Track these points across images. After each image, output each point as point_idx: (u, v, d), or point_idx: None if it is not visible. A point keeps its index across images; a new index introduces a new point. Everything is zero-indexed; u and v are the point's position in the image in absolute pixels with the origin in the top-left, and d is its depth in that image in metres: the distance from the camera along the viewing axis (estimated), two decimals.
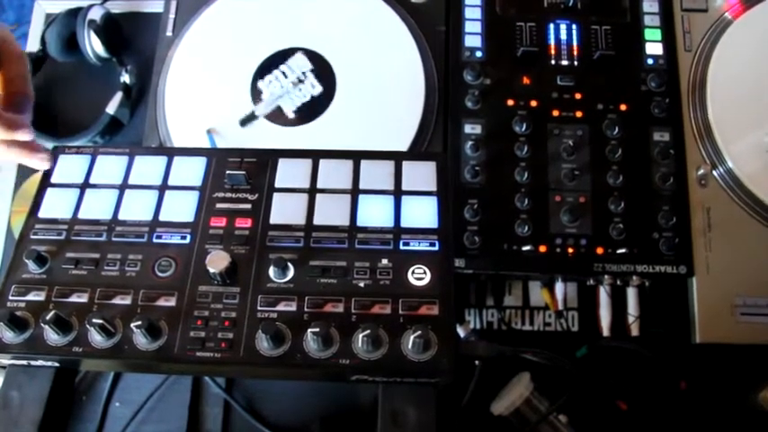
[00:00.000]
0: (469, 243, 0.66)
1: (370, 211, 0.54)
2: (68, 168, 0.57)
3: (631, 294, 0.68)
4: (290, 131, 0.73)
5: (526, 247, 0.66)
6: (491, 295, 0.72)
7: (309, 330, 0.47)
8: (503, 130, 0.70)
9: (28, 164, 0.57)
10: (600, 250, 0.66)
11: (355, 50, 0.76)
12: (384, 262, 0.52)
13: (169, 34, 0.79)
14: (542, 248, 0.66)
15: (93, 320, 0.47)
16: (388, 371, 0.48)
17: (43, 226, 0.54)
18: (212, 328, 0.49)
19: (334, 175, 0.57)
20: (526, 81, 0.72)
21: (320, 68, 0.75)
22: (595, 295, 0.70)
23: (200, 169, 0.57)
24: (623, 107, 0.71)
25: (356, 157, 0.57)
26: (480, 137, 0.70)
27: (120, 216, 0.55)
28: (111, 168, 0.58)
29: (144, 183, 0.57)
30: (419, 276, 0.51)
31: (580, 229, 0.67)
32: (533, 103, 0.71)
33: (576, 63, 0.73)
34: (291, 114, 0.73)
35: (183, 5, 0.80)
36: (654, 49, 0.74)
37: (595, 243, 0.66)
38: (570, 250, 0.66)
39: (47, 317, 0.47)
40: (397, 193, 0.55)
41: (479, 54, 0.74)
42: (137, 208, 0.55)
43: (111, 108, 0.77)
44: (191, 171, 0.57)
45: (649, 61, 0.73)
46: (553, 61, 0.73)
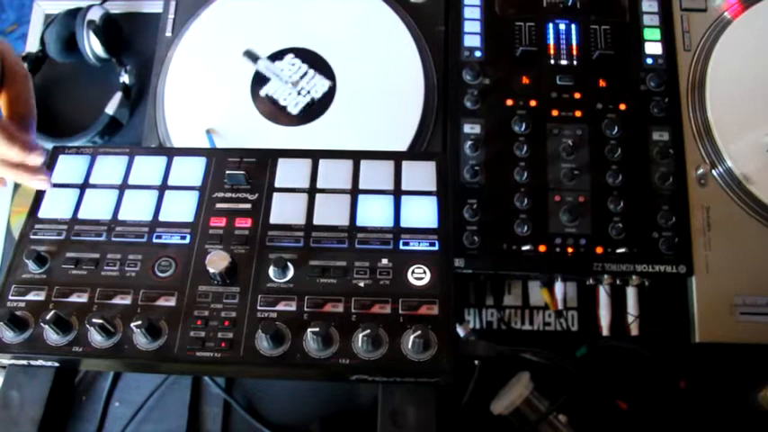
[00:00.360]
0: (469, 243, 0.66)
1: (369, 211, 0.54)
2: (68, 168, 0.58)
3: (631, 294, 0.68)
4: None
5: (526, 247, 0.66)
6: (491, 295, 0.72)
7: (309, 330, 0.47)
8: (502, 129, 0.71)
9: (28, 183, 0.56)
10: (599, 250, 0.66)
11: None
12: (384, 262, 0.52)
13: (168, 34, 0.79)
14: (542, 248, 0.66)
15: (93, 320, 0.47)
16: (387, 371, 0.48)
17: (43, 226, 0.54)
18: (212, 327, 0.49)
19: (334, 174, 0.57)
20: (525, 81, 0.72)
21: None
22: (595, 295, 0.70)
23: (199, 169, 0.57)
24: (622, 107, 0.71)
25: (356, 156, 0.58)
26: (480, 137, 0.70)
27: (120, 216, 0.55)
28: (110, 168, 0.58)
29: (144, 183, 0.57)
30: (419, 276, 0.51)
31: (579, 229, 0.67)
32: (533, 103, 0.71)
33: (576, 63, 0.73)
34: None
35: (182, 6, 0.80)
36: (653, 48, 0.74)
37: (595, 243, 0.66)
38: (570, 250, 0.66)
39: (47, 317, 0.47)
40: (397, 193, 0.55)
41: (479, 54, 0.74)
42: (137, 208, 0.55)
43: (111, 108, 0.77)
44: (190, 171, 0.57)
45: (648, 61, 0.73)
46: (552, 61, 0.73)
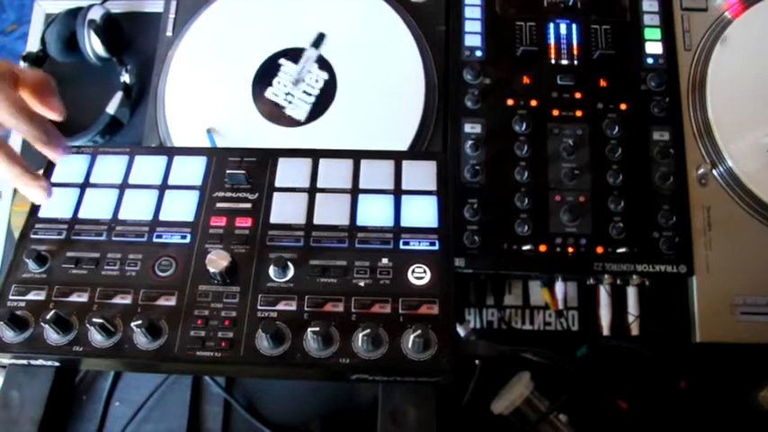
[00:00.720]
0: (469, 242, 0.66)
1: (370, 211, 0.54)
2: (68, 168, 0.57)
3: (631, 294, 0.68)
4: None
5: (526, 247, 0.66)
6: (491, 295, 0.72)
7: (309, 330, 0.47)
8: (503, 129, 0.71)
9: (27, 188, 0.55)
10: (600, 249, 0.66)
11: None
12: (384, 261, 0.52)
13: (169, 34, 0.79)
14: (542, 248, 0.66)
15: (94, 320, 0.47)
16: (387, 370, 0.48)
17: (43, 225, 0.54)
18: (212, 327, 0.49)
19: (334, 174, 0.57)
20: (526, 80, 0.72)
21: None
22: (595, 295, 0.70)
23: (200, 169, 0.57)
24: (623, 106, 0.71)
25: (356, 156, 0.57)
26: (480, 136, 0.70)
27: (121, 216, 0.55)
28: (111, 168, 0.58)
29: (144, 182, 0.57)
30: (419, 276, 0.51)
31: (580, 229, 0.67)
32: (533, 103, 0.71)
33: (576, 62, 0.73)
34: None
35: (182, 5, 0.80)
36: (653, 48, 0.74)
37: (595, 242, 0.66)
38: (570, 250, 0.66)
39: (47, 316, 0.47)
40: (397, 193, 0.55)
41: (479, 53, 0.74)
42: (137, 207, 0.55)
43: (112, 108, 0.77)
44: (191, 171, 0.57)
45: (649, 60, 0.73)
46: (553, 61, 0.73)
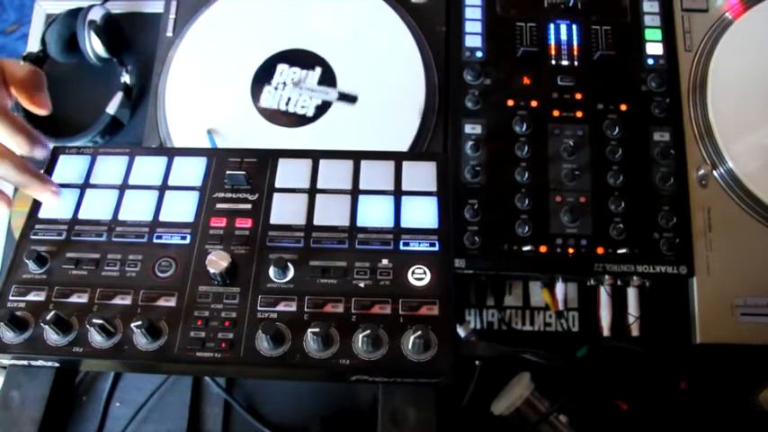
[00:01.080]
0: (470, 243, 0.66)
1: (370, 212, 0.54)
2: (68, 168, 0.58)
3: (632, 294, 0.68)
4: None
5: (526, 248, 0.66)
6: (491, 295, 0.72)
7: (309, 330, 0.47)
8: (503, 130, 0.70)
9: (38, 192, 0.55)
10: (600, 250, 0.66)
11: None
12: (384, 262, 0.52)
13: (169, 34, 0.79)
14: (543, 248, 0.66)
15: (94, 320, 0.47)
16: (388, 371, 0.48)
17: (43, 226, 0.54)
18: (212, 328, 0.49)
19: (334, 175, 0.57)
20: (526, 81, 0.72)
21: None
22: (596, 295, 0.70)
23: (200, 169, 0.57)
24: (623, 107, 0.71)
25: (356, 157, 0.57)
26: (480, 137, 0.70)
27: (121, 216, 0.55)
28: (111, 168, 0.58)
29: (144, 183, 0.57)
30: (419, 276, 0.51)
31: (580, 230, 0.67)
32: (534, 104, 0.71)
33: (577, 63, 0.73)
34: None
35: (183, 6, 0.80)
36: (654, 49, 0.74)
37: (596, 243, 0.66)
38: (570, 250, 0.66)
39: (47, 317, 0.47)
40: (398, 194, 0.55)
41: (479, 54, 0.74)
42: (137, 208, 0.55)
43: (112, 108, 0.77)
44: (191, 171, 0.57)
45: (650, 61, 0.73)
46: (553, 61, 0.73)
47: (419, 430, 0.47)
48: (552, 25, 0.74)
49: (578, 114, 0.71)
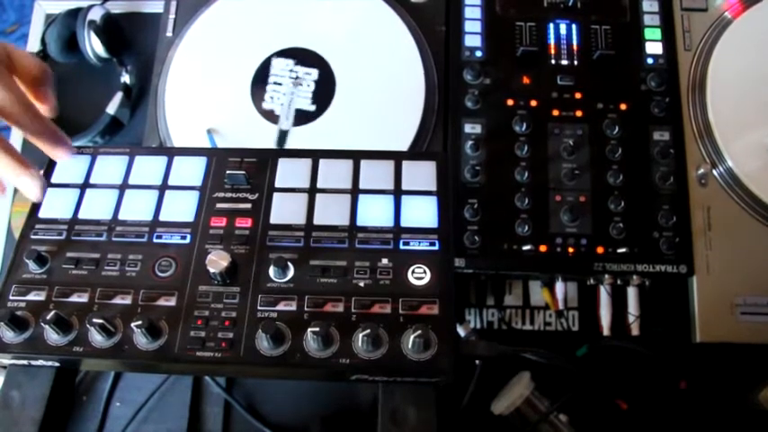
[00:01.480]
0: (469, 243, 0.66)
1: (370, 211, 0.54)
2: (68, 168, 0.57)
3: (631, 294, 0.68)
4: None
5: (526, 247, 0.66)
6: (491, 295, 0.72)
7: (309, 330, 0.47)
8: (503, 129, 0.71)
9: (28, 185, 0.54)
10: (600, 250, 0.66)
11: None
12: (384, 262, 0.52)
13: (169, 35, 0.79)
14: (542, 248, 0.66)
15: (94, 320, 0.47)
16: (388, 370, 0.48)
17: (43, 226, 0.54)
18: (212, 327, 0.49)
19: (334, 174, 0.57)
20: (526, 81, 0.72)
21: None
22: (596, 295, 0.70)
23: (200, 169, 0.57)
24: (623, 106, 0.71)
25: (356, 156, 0.57)
26: (480, 136, 0.70)
27: (121, 216, 0.55)
28: (111, 168, 0.57)
29: (144, 183, 0.57)
30: (419, 276, 0.51)
31: (580, 229, 0.67)
32: (533, 103, 0.71)
33: (576, 63, 0.73)
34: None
35: (182, 6, 0.80)
36: (654, 48, 0.74)
37: (595, 242, 0.66)
38: (570, 250, 0.66)
39: (47, 317, 0.47)
40: (397, 193, 0.55)
41: (479, 54, 0.74)
42: (137, 208, 0.55)
43: (112, 108, 0.77)
44: (191, 171, 0.57)
45: (649, 60, 0.73)
46: (553, 61, 0.73)
47: (419, 430, 0.47)
48: (552, 25, 0.74)
49: (578, 114, 0.71)
